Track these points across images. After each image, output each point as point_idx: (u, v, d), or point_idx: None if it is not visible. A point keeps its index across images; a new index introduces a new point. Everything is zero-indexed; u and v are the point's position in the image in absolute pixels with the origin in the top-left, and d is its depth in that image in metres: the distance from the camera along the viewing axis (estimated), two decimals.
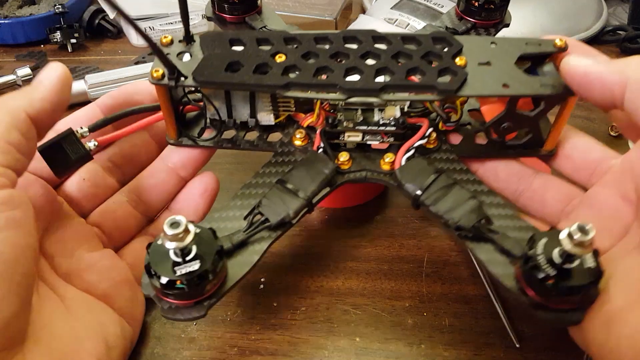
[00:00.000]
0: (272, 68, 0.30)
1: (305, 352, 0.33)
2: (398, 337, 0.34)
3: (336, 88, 0.30)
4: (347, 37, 0.32)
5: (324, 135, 0.34)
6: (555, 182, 0.34)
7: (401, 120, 0.33)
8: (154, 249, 0.26)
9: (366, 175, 0.33)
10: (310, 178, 0.31)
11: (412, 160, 0.33)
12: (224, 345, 0.33)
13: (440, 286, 0.37)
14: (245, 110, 0.34)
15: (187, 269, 0.25)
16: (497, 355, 0.33)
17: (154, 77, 0.30)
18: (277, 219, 0.30)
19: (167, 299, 0.26)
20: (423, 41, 0.32)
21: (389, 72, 0.31)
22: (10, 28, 0.62)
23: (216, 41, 0.32)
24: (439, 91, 0.30)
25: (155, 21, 0.64)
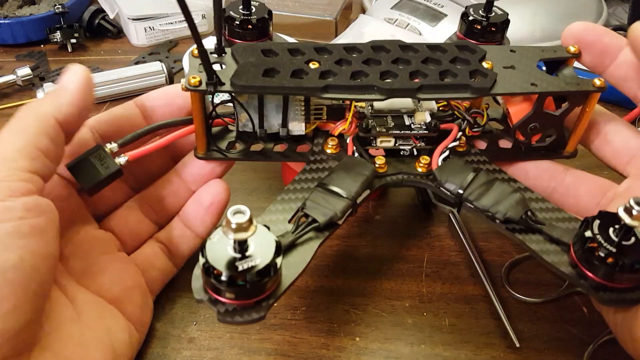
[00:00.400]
0: (308, 73, 0.31)
1: (305, 352, 0.33)
2: (398, 337, 0.34)
3: (374, 89, 0.31)
4: (375, 46, 0.33)
5: (357, 140, 0.34)
6: (587, 177, 0.35)
7: (433, 124, 0.34)
8: (209, 247, 0.25)
9: (403, 178, 0.34)
10: (352, 180, 0.31)
11: (449, 160, 0.34)
12: (224, 345, 0.33)
13: (440, 286, 0.37)
14: (276, 120, 0.34)
15: (249, 264, 0.24)
16: (497, 355, 0.33)
17: (192, 84, 0.30)
18: (325, 219, 0.29)
19: (225, 300, 0.25)
20: (448, 49, 0.33)
21: (422, 75, 0.31)
22: (10, 28, 0.62)
23: (249, 51, 0.32)
24: (473, 90, 0.31)
25: (155, 21, 0.64)
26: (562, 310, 0.35)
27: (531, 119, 0.34)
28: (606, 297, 0.27)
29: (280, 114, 0.34)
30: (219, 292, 0.25)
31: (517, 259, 0.38)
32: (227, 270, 0.24)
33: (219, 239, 0.25)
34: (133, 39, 0.65)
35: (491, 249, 0.39)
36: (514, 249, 0.39)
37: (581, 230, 0.27)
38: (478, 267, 0.37)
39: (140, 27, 0.64)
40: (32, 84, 0.57)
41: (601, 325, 0.34)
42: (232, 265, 0.24)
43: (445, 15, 0.59)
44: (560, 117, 0.34)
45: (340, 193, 0.30)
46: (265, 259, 0.25)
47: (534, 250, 0.29)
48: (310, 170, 0.33)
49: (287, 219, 0.30)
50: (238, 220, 0.23)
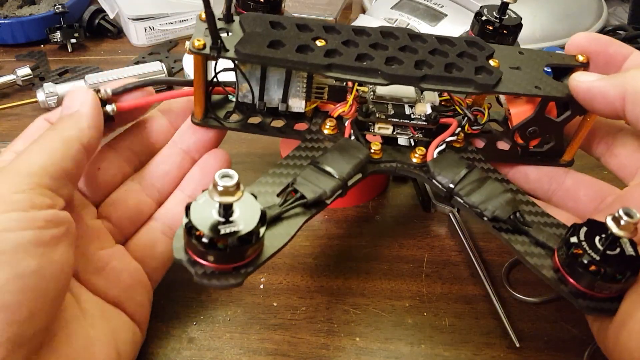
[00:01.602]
0: (313, 50, 0.31)
1: (305, 352, 0.33)
2: (398, 337, 0.34)
3: (378, 74, 0.31)
4: (384, 32, 0.33)
5: (356, 124, 0.34)
6: (587, 180, 0.35)
7: (433, 116, 0.34)
8: (194, 208, 0.25)
9: (396, 166, 0.34)
10: (345, 161, 0.31)
11: (444, 153, 0.34)
12: (224, 345, 0.33)
13: (440, 286, 0.37)
14: (277, 94, 0.34)
15: (232, 229, 0.24)
16: (497, 355, 0.33)
17: (195, 47, 0.30)
18: (314, 197, 0.29)
19: (204, 263, 0.25)
20: (457, 43, 0.33)
21: (427, 65, 0.31)
22: (10, 28, 0.62)
23: (257, 21, 0.31)
24: (477, 85, 0.31)
25: (155, 21, 0.64)
26: (562, 310, 0.35)
27: (531, 122, 0.34)
28: (585, 304, 0.27)
29: (281, 88, 0.33)
30: (199, 254, 0.25)
31: (517, 259, 0.38)
32: (209, 233, 0.24)
33: (204, 201, 0.25)
34: (133, 39, 0.65)
35: (491, 249, 0.39)
36: None
37: (567, 235, 0.27)
38: (478, 267, 0.37)
39: (140, 27, 0.64)
40: (32, 84, 0.57)
41: None
42: (214, 228, 0.24)
43: (445, 15, 0.59)
44: (561, 124, 0.34)
45: (332, 173, 0.30)
46: (249, 225, 0.24)
47: (518, 251, 0.29)
48: (305, 148, 0.33)
49: (275, 192, 0.30)
50: (225, 183, 0.22)
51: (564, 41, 0.59)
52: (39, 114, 0.54)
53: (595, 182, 0.34)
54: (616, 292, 0.27)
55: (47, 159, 0.27)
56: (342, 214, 0.42)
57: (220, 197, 0.23)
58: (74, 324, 0.28)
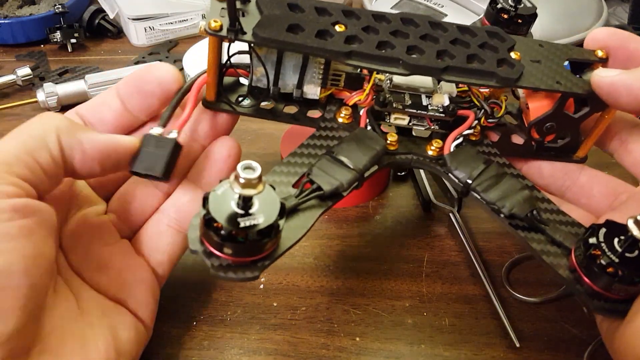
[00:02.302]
0: (333, 36, 0.30)
1: (305, 352, 0.33)
2: (398, 337, 0.34)
3: (398, 63, 0.30)
4: (404, 19, 0.32)
5: (372, 113, 0.33)
6: (602, 177, 0.34)
7: (451, 108, 0.33)
8: (212, 198, 0.24)
9: (412, 158, 0.33)
10: (361, 152, 0.30)
11: (462, 147, 0.33)
12: (224, 345, 0.33)
13: (440, 286, 0.37)
14: (292, 79, 0.33)
15: (251, 222, 0.23)
16: (498, 355, 0.33)
17: (212, 28, 0.28)
18: (330, 188, 0.29)
19: (221, 255, 0.25)
20: (478, 33, 0.32)
21: (449, 56, 0.30)
22: (10, 28, 0.62)
23: (274, 2, 0.30)
24: (499, 79, 0.30)
25: (155, 21, 0.64)
26: (562, 310, 0.35)
27: (550, 117, 0.33)
28: (599, 305, 0.27)
29: (297, 74, 0.32)
30: (216, 245, 0.24)
31: (517, 258, 0.38)
32: (228, 225, 0.23)
33: (223, 192, 0.24)
34: (133, 39, 0.65)
35: (491, 249, 0.39)
36: (514, 249, 0.39)
37: (586, 236, 0.27)
38: (478, 267, 0.37)
39: (140, 27, 0.64)
40: (32, 84, 0.57)
41: None
42: (233, 220, 0.23)
43: (446, 15, 0.59)
44: (578, 120, 0.33)
45: (348, 164, 0.30)
46: (269, 219, 0.24)
47: (535, 249, 0.29)
48: (319, 136, 0.32)
49: (291, 183, 0.29)
50: (248, 175, 0.22)
51: (564, 41, 0.59)
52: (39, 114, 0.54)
53: (609, 179, 0.34)
54: (631, 294, 0.26)
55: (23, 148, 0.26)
56: (342, 214, 0.42)
57: (241, 190, 0.22)
58: (69, 324, 0.27)
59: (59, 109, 0.53)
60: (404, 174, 0.46)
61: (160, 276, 0.33)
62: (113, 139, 0.29)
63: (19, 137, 0.27)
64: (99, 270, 0.30)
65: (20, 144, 0.26)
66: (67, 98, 0.53)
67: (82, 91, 0.54)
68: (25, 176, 0.25)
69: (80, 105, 0.32)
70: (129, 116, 0.32)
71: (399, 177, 0.46)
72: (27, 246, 0.24)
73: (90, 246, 0.31)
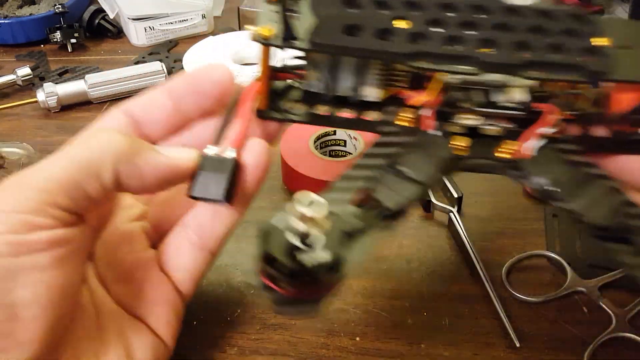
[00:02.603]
0: (395, 35, 0.27)
1: (305, 352, 0.33)
2: (398, 337, 0.34)
3: (472, 61, 0.27)
4: (474, 5, 0.29)
5: (437, 114, 0.30)
6: None
7: (526, 105, 0.30)
8: (270, 231, 0.22)
9: (484, 163, 0.30)
10: (427, 163, 0.28)
11: (541, 150, 0.29)
12: (224, 345, 0.33)
13: (440, 286, 0.37)
14: (349, 82, 0.30)
15: (314, 258, 0.21)
16: (498, 355, 0.33)
17: (263, 36, 0.26)
18: (395, 206, 0.26)
19: (281, 290, 0.23)
20: (560, 17, 0.28)
21: (527, 47, 0.27)
22: (10, 28, 0.63)
23: (328, 0, 0.28)
24: (587, 73, 0.27)
25: (155, 21, 0.64)
26: (563, 310, 0.35)
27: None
28: None
29: (354, 75, 0.30)
30: (276, 282, 0.23)
31: (517, 258, 0.38)
32: (287, 262, 0.21)
33: (281, 223, 0.22)
34: (133, 38, 0.65)
35: (491, 249, 0.39)
36: (514, 249, 0.39)
37: None
38: (478, 267, 0.37)
39: (140, 27, 0.64)
40: (32, 84, 0.57)
41: (601, 325, 0.34)
42: (293, 256, 0.21)
43: None
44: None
45: (414, 177, 0.27)
46: (331, 252, 0.22)
47: (625, 263, 0.26)
48: (379, 144, 0.29)
49: (352, 200, 0.27)
50: (314, 213, 0.20)
51: None
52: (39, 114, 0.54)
53: None
54: None
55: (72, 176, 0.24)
56: None
57: (306, 227, 0.21)
58: (85, 344, 0.26)
59: (59, 109, 0.53)
60: None
61: (184, 294, 0.31)
62: (173, 161, 0.27)
63: (69, 160, 0.25)
64: (123, 282, 0.29)
65: (69, 169, 0.24)
66: (67, 98, 0.53)
67: (82, 91, 0.54)
68: (67, 207, 0.24)
69: (128, 103, 0.30)
70: (180, 116, 0.30)
71: None
72: (58, 277, 0.23)
73: (115, 254, 0.29)
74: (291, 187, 0.44)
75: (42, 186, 0.24)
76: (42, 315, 0.23)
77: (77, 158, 0.25)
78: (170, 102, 0.30)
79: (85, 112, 0.54)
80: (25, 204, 0.23)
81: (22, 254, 0.22)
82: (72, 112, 0.54)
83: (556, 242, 0.39)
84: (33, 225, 0.23)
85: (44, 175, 0.24)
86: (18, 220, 0.23)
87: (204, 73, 0.30)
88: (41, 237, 0.23)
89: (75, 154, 0.25)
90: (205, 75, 0.30)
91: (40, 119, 0.53)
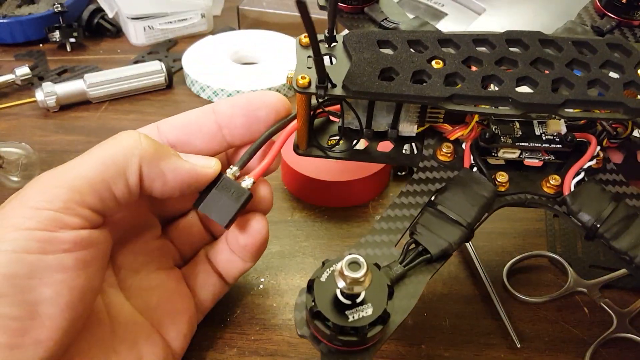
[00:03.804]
0: (431, 76, 0.27)
1: (304, 352, 0.33)
2: (398, 337, 0.34)
3: (508, 102, 0.26)
4: (510, 39, 0.28)
5: (476, 150, 0.30)
6: None
7: (569, 138, 0.29)
8: (317, 287, 0.23)
9: (526, 198, 0.29)
10: (469, 202, 0.27)
11: (584, 184, 0.29)
12: (224, 346, 0.33)
13: (440, 286, 0.37)
14: (385, 119, 0.30)
15: (360, 314, 0.22)
16: (498, 356, 0.33)
17: (300, 85, 0.26)
18: (438, 251, 0.26)
19: (330, 344, 0.23)
20: (598, 48, 0.28)
21: (566, 84, 0.27)
22: (9, 27, 0.62)
23: (363, 42, 0.28)
24: (628, 109, 0.26)
25: (154, 20, 0.64)
26: (563, 310, 0.35)
27: None
28: None
29: (391, 114, 0.30)
30: (324, 336, 0.23)
31: (517, 258, 0.38)
32: (336, 319, 0.22)
33: (327, 279, 0.23)
34: (132, 38, 0.65)
35: (491, 249, 0.39)
36: (514, 249, 0.39)
37: None
38: (478, 267, 0.37)
39: (139, 27, 0.63)
40: (31, 84, 0.57)
41: (602, 325, 0.34)
42: (341, 313, 0.22)
43: (446, 14, 0.59)
44: None
45: (456, 218, 0.27)
46: (378, 307, 0.22)
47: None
48: (419, 180, 0.29)
49: (393, 242, 0.27)
50: (354, 275, 0.21)
51: None
52: (38, 113, 0.54)
53: None
54: None
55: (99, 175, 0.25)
56: (342, 214, 0.42)
57: (348, 287, 0.21)
58: (96, 350, 0.26)
59: (58, 108, 0.53)
60: (404, 173, 0.45)
61: (201, 313, 0.32)
62: (196, 169, 0.28)
63: (98, 159, 0.25)
64: (150, 290, 0.30)
65: (98, 169, 0.25)
66: (66, 98, 0.53)
67: (81, 91, 0.53)
68: (95, 207, 0.25)
69: (167, 120, 0.30)
70: (221, 141, 0.30)
71: (399, 177, 0.45)
72: (79, 279, 0.24)
73: (145, 266, 0.30)
74: (291, 187, 0.44)
75: (72, 184, 0.24)
76: (60, 316, 0.23)
77: (105, 158, 0.25)
78: (216, 127, 0.30)
79: (84, 112, 0.53)
80: (56, 202, 0.23)
81: (49, 253, 0.23)
82: (71, 111, 0.53)
83: (557, 242, 0.39)
84: (62, 223, 0.23)
85: (73, 174, 0.25)
86: (48, 217, 0.23)
87: (257, 98, 0.30)
88: (69, 237, 0.23)
89: (104, 154, 0.26)
90: (257, 101, 0.30)
91: (39, 119, 0.52)
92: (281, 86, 0.54)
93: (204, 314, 0.33)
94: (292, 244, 0.40)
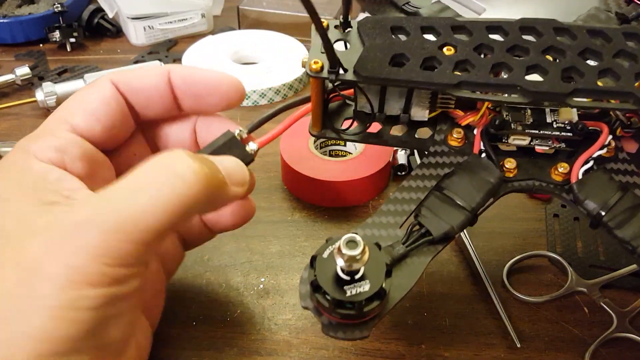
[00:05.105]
0: (441, 63, 0.27)
1: (305, 352, 0.33)
2: (398, 337, 0.34)
3: (517, 90, 0.26)
4: (524, 27, 0.28)
5: (486, 136, 0.30)
6: None
7: (580, 126, 0.29)
8: (319, 263, 0.24)
9: (534, 184, 0.30)
10: (474, 187, 0.28)
11: (592, 173, 0.29)
12: (224, 346, 0.33)
13: (440, 286, 0.37)
14: (397, 104, 0.31)
15: (357, 290, 0.23)
16: (498, 356, 0.33)
17: (312, 69, 0.27)
18: (440, 233, 0.27)
19: (330, 316, 0.24)
20: (613, 37, 0.28)
21: (577, 73, 0.27)
22: (9, 27, 0.62)
23: (377, 28, 0.28)
24: (638, 100, 0.26)
25: (154, 20, 0.64)
26: (563, 310, 0.35)
27: None
28: None
29: (403, 98, 0.30)
30: (325, 308, 0.24)
31: (517, 258, 0.38)
32: (335, 293, 0.23)
33: (328, 255, 0.24)
34: (132, 38, 0.65)
35: (491, 249, 0.39)
36: (514, 249, 0.39)
37: None
38: (478, 267, 0.37)
39: (140, 26, 0.64)
40: (31, 84, 0.57)
41: (602, 325, 0.34)
42: (340, 288, 0.23)
43: None
44: None
45: (460, 202, 0.27)
46: (375, 284, 0.23)
47: None
48: (428, 164, 0.30)
49: (398, 223, 0.27)
50: (351, 252, 0.22)
51: None
52: (38, 113, 0.54)
53: None
54: None
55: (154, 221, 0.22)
56: (342, 214, 0.42)
57: (346, 264, 0.22)
58: None
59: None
60: (404, 173, 0.45)
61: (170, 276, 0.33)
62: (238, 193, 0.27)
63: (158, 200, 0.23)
64: None
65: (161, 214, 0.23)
66: (66, 98, 0.53)
67: None
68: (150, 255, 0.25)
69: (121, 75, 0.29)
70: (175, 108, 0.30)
71: (399, 177, 0.45)
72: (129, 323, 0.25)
73: None
74: (291, 187, 0.44)
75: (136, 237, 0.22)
76: None
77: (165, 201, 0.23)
78: (170, 96, 0.30)
79: None
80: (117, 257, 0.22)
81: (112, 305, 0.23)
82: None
83: (557, 242, 0.39)
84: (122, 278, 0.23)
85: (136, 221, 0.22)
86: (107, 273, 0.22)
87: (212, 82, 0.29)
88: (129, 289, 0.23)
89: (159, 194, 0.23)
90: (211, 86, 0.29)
91: (39, 119, 0.52)
92: (281, 86, 0.54)
93: None
94: (292, 244, 0.40)
